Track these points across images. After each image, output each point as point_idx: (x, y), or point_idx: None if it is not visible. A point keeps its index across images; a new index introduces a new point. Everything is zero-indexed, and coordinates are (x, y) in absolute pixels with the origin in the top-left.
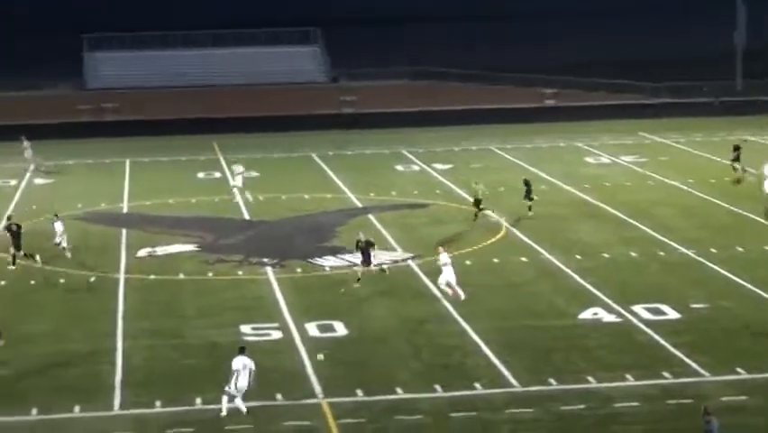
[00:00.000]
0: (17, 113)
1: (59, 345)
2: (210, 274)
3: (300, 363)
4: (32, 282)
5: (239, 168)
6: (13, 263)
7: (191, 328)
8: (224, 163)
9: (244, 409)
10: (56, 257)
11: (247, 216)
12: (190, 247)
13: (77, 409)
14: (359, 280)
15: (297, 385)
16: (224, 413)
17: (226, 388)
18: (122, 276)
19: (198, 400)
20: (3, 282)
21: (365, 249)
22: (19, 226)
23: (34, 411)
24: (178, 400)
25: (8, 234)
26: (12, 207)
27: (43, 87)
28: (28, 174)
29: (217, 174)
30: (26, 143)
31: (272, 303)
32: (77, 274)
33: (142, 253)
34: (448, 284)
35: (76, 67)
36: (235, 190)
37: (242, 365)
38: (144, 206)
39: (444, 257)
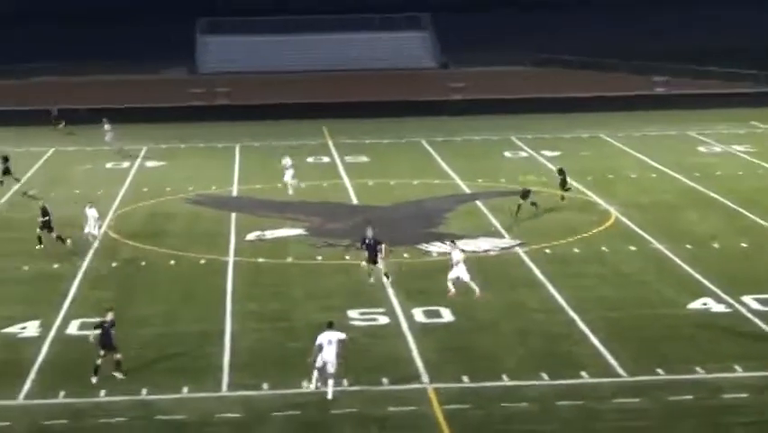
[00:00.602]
0: (130, 96)
1: (169, 326)
2: (318, 258)
3: (406, 348)
4: (143, 264)
5: (287, 161)
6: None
7: (299, 312)
8: (332, 148)
9: (330, 395)
10: (164, 238)
11: (355, 201)
12: (299, 231)
13: (185, 389)
14: (370, 274)
15: (404, 370)
16: (311, 387)
17: (312, 361)
18: (231, 259)
19: (305, 384)
20: (114, 264)
21: (373, 246)
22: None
23: (144, 391)
24: (284, 383)
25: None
26: (124, 189)
27: (156, 71)
28: (140, 158)
29: (326, 159)
30: (107, 126)
31: (379, 288)
32: (187, 256)
33: (251, 236)
34: (457, 279)
35: (188, 51)
36: (288, 185)
37: (327, 340)
38: (254, 189)
39: (457, 254)
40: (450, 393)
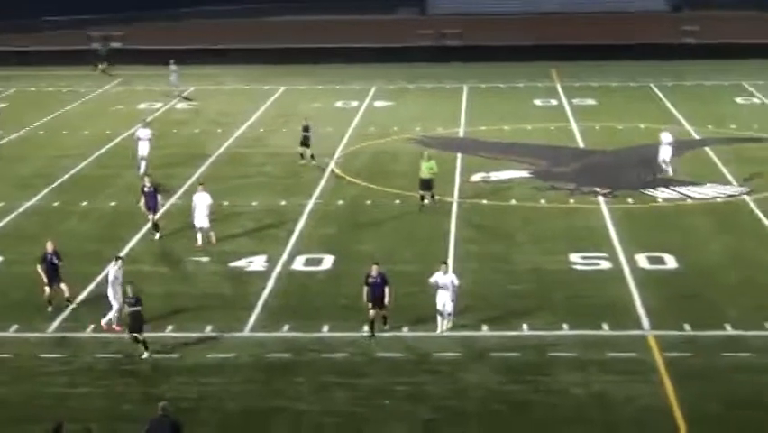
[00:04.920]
0: (361, 36)
1: (389, 264)
2: (542, 201)
3: (628, 294)
4: (368, 203)
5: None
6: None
7: (520, 254)
8: (560, 91)
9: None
10: (390, 178)
11: (582, 145)
12: (523, 174)
13: (405, 328)
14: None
15: (624, 316)
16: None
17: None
18: (455, 200)
19: (524, 326)
20: (340, 202)
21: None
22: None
23: (365, 328)
24: (504, 324)
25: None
26: (351, 128)
27: (388, 11)
28: (369, 96)
29: (554, 102)
30: (173, 67)
31: (602, 233)
32: (411, 196)
33: (476, 177)
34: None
35: None
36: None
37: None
38: (479, 131)
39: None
40: (670, 341)
